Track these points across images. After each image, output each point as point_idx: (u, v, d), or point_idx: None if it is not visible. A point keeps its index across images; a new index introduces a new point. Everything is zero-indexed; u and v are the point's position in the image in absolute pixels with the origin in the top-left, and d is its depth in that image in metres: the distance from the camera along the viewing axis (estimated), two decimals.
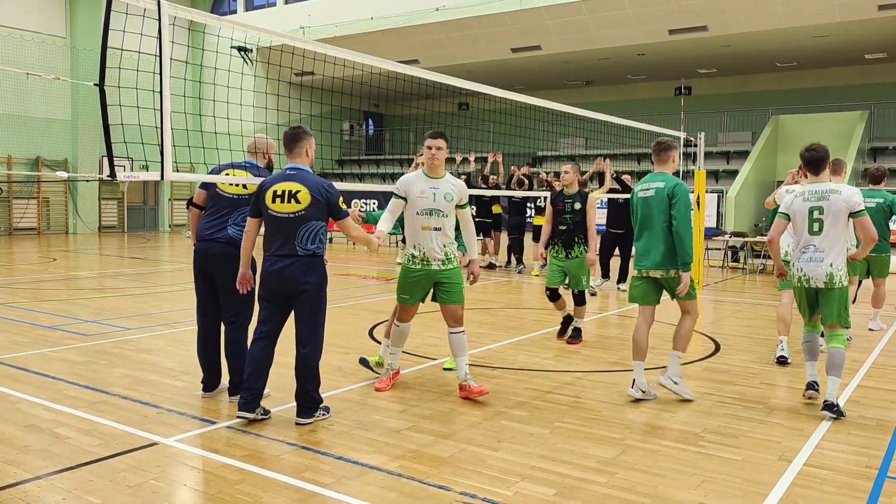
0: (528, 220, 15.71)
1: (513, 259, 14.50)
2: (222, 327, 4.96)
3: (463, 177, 15.46)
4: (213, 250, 4.84)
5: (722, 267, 15.49)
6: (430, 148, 5.48)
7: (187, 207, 5.34)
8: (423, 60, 21.57)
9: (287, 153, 4.60)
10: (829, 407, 4.65)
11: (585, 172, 11.10)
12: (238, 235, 4.81)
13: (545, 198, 10.49)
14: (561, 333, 7.18)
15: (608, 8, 18.04)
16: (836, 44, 18.35)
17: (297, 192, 4.40)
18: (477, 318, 8.49)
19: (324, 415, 4.59)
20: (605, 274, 11.75)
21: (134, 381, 5.41)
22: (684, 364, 6.29)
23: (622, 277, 11.15)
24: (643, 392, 5.04)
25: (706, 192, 14.14)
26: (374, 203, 19.89)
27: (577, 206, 7.07)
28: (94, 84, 4.14)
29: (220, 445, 4.05)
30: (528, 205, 15.28)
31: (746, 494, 3.48)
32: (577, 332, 7.08)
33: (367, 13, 21.51)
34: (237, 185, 4.90)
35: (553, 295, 7.08)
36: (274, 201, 4.44)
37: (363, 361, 5.81)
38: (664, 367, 5.33)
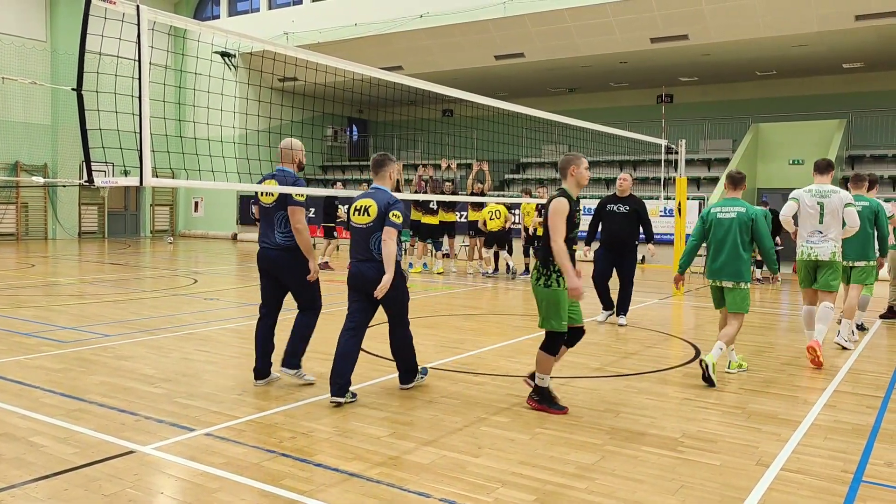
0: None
1: (502, 265, 14.53)
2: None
3: (448, 184, 15.56)
4: (269, 255, 5.54)
5: (702, 273, 15.59)
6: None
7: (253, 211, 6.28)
8: (407, 67, 21.59)
9: (373, 175, 5.43)
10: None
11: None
12: (283, 241, 5.44)
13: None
14: None
15: (591, 16, 18.18)
16: (814, 53, 18.60)
17: (369, 206, 5.20)
18: (460, 325, 8.50)
19: (421, 378, 5.54)
20: (608, 304, 8.95)
21: (112, 388, 5.35)
22: (665, 370, 6.33)
23: (623, 307, 8.72)
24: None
25: (687, 199, 14.27)
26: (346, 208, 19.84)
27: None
28: (72, 89, 4.10)
29: (198, 453, 4.02)
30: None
31: (724, 499, 3.50)
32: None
33: (351, 19, 21.52)
34: (269, 194, 5.45)
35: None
36: (354, 214, 5.28)
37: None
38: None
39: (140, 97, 4.09)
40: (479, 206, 14.45)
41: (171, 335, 7.51)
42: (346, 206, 4.88)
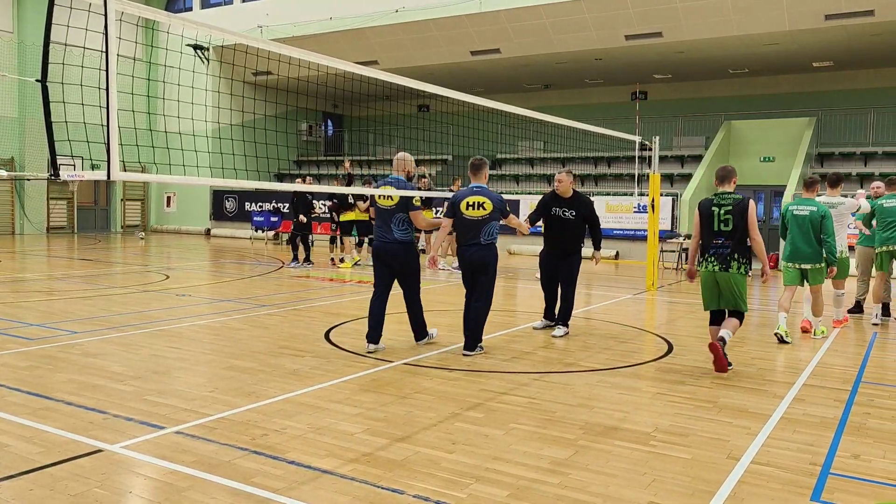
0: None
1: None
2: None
3: (424, 179, 15.59)
4: (387, 249, 6.62)
5: (676, 269, 15.77)
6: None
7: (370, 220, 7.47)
8: (383, 62, 21.49)
9: (472, 176, 6.75)
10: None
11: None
12: (401, 236, 6.61)
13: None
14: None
15: (566, 13, 18.24)
16: (785, 52, 18.86)
17: (483, 202, 6.51)
18: (434, 320, 8.48)
19: (480, 350, 6.55)
20: (550, 313, 8.03)
21: (79, 386, 5.25)
22: (638, 364, 6.38)
23: (564, 317, 7.76)
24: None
25: (661, 195, 14.41)
26: (324, 206, 19.66)
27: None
28: (37, 80, 4.00)
29: (168, 451, 3.96)
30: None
31: (695, 493, 3.54)
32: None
33: (326, 13, 21.36)
34: (386, 197, 6.58)
35: (717, 318, 6.39)
36: (467, 209, 6.55)
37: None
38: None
39: (108, 89, 4.01)
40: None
41: (141, 332, 7.40)
42: (457, 201, 6.66)
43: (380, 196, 6.62)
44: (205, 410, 4.70)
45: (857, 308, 9.48)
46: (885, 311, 9.27)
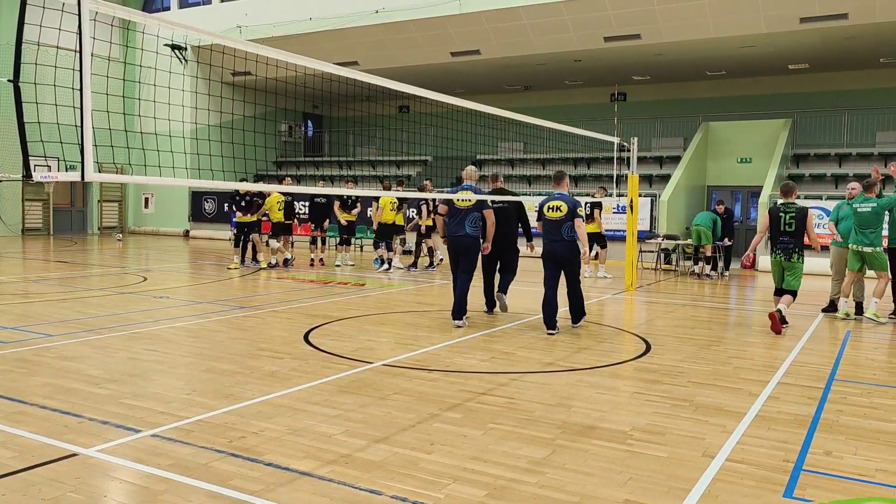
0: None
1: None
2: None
3: (427, 182, 15.89)
4: (460, 241, 8.27)
5: (655, 269, 15.90)
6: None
7: (436, 215, 8.97)
8: (363, 62, 21.45)
9: (555, 185, 8.27)
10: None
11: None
12: (472, 231, 8.24)
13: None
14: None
15: (546, 14, 18.33)
16: (761, 54, 19.09)
17: (560, 206, 7.94)
18: (414, 321, 8.49)
19: (583, 318, 8.29)
20: (491, 304, 9.19)
21: (54, 389, 5.19)
22: (616, 364, 6.43)
23: (504, 287, 9.00)
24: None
25: (640, 195, 14.53)
26: (303, 206, 19.60)
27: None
28: (9, 80, 3.96)
29: (144, 455, 3.92)
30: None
31: (671, 490, 3.57)
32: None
33: (306, 13, 21.28)
34: (465, 200, 8.24)
35: (780, 292, 8.54)
36: (549, 211, 8.00)
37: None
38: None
39: (81, 90, 3.97)
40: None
41: (117, 334, 7.33)
42: (542, 204, 8.20)
43: (458, 199, 8.29)
44: (182, 413, 4.67)
45: (832, 307, 9.62)
46: (859, 309, 9.44)
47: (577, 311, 8.22)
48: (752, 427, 4.59)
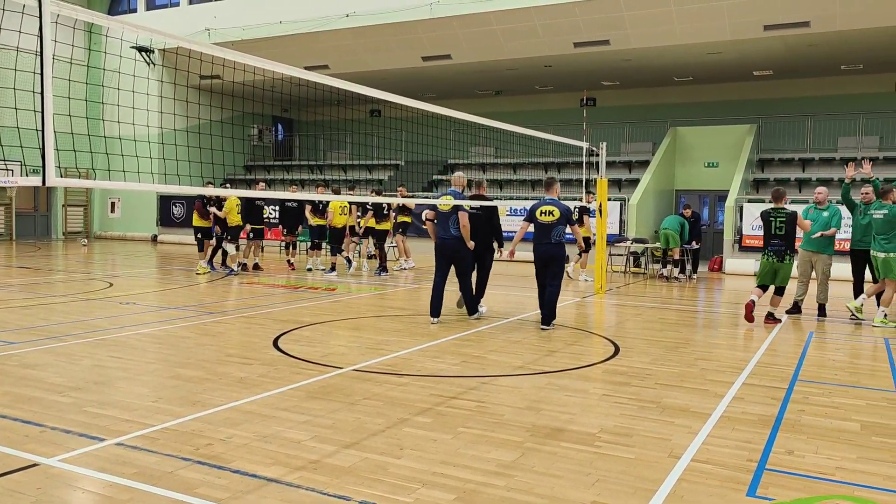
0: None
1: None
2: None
3: (402, 188, 15.85)
4: (448, 243, 8.69)
5: (624, 272, 16.08)
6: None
7: (425, 221, 9.39)
8: (334, 66, 21.38)
9: (547, 191, 8.83)
10: None
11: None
12: (457, 232, 8.61)
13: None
14: None
15: (516, 20, 18.45)
16: (727, 61, 19.43)
17: (552, 211, 8.49)
18: (385, 326, 8.47)
19: (552, 328, 8.39)
20: (473, 306, 9.17)
21: (15, 398, 5.08)
22: (585, 367, 6.49)
23: (480, 295, 9.29)
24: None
25: (609, 199, 14.67)
26: (274, 210, 19.49)
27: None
28: None
29: (107, 464, 3.86)
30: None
31: (637, 491, 3.61)
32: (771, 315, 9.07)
33: (276, 17, 21.15)
34: (445, 204, 8.66)
35: (765, 287, 9.11)
36: (541, 215, 8.51)
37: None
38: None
39: (42, 93, 3.90)
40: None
41: (81, 341, 7.20)
42: (535, 208, 8.81)
43: (441, 203, 8.72)
44: (147, 421, 4.60)
45: (796, 309, 9.82)
46: (822, 311, 9.65)
47: (550, 311, 8.48)
48: (717, 427, 4.67)
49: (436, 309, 8.62)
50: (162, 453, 4.02)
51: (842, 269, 11.42)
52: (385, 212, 14.70)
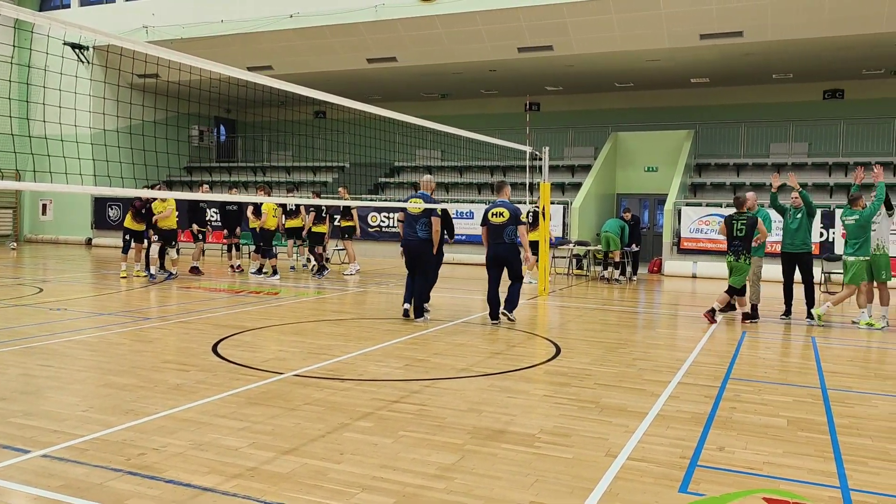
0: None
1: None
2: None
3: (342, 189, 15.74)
4: (413, 244, 9.11)
5: (567, 274, 16.32)
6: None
7: (398, 222, 9.67)
8: (277, 67, 21.10)
9: (497, 194, 9.39)
10: None
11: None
12: (424, 235, 9.05)
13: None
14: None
15: (461, 24, 18.55)
16: (666, 68, 19.96)
17: (503, 212, 8.94)
18: (328, 330, 8.39)
19: (513, 320, 9.08)
20: (418, 312, 9.25)
21: None
22: (527, 368, 6.55)
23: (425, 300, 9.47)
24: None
25: (552, 203, 14.89)
26: (215, 212, 19.13)
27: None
28: None
29: (32, 476, 3.71)
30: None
31: (574, 490, 3.67)
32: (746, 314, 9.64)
33: (217, 15, 20.74)
34: (415, 207, 9.11)
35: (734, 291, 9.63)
36: (492, 217, 8.98)
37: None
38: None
39: None
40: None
41: (8, 349, 6.90)
42: (487, 211, 9.27)
43: (410, 207, 9.17)
44: (76, 431, 4.44)
45: (753, 312, 10.15)
46: (754, 311, 9.98)
47: (511, 304, 9.07)
48: (652, 426, 4.78)
49: (409, 299, 9.22)
50: (91, 464, 3.89)
51: (772, 270, 11.83)
52: (323, 214, 14.71)
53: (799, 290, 9.95)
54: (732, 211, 9.82)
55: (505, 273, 9.16)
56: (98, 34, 5.03)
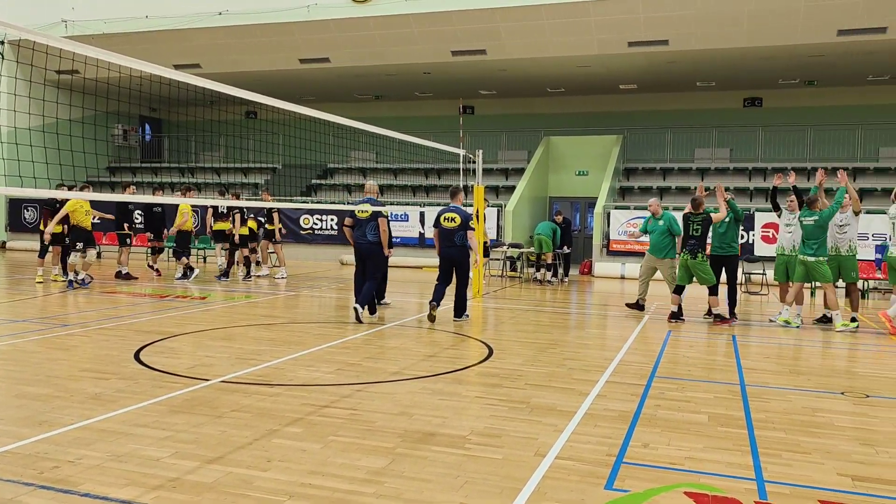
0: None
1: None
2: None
3: (265, 192, 15.40)
4: (364, 247, 9.51)
5: (501, 276, 16.49)
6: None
7: (344, 227, 9.92)
8: (206, 65, 20.57)
9: (452, 199, 9.80)
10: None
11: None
12: (373, 238, 9.47)
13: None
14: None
15: (395, 26, 18.52)
16: (595, 74, 20.44)
17: (454, 217, 9.42)
18: (258, 335, 8.22)
19: (467, 317, 9.65)
20: (374, 305, 9.94)
21: None
22: (460, 370, 6.57)
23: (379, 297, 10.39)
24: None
25: (486, 206, 15.00)
26: (140, 214, 18.49)
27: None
28: None
29: None
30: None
31: (503, 491, 3.70)
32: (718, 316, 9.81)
33: (142, 11, 20.05)
34: (364, 211, 9.48)
35: (679, 290, 9.99)
36: (444, 221, 9.45)
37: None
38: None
39: None
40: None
41: None
42: (440, 214, 9.74)
43: (359, 211, 9.52)
44: None
45: (637, 306, 10.56)
46: (639, 306, 10.62)
47: (461, 308, 9.55)
48: (581, 425, 4.86)
49: (358, 293, 9.52)
50: (1, 479, 3.69)
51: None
52: (245, 217, 14.53)
53: (722, 291, 10.32)
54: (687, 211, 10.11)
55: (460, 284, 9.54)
56: (10, 28, 4.78)
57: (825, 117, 20.79)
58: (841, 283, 9.97)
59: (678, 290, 9.93)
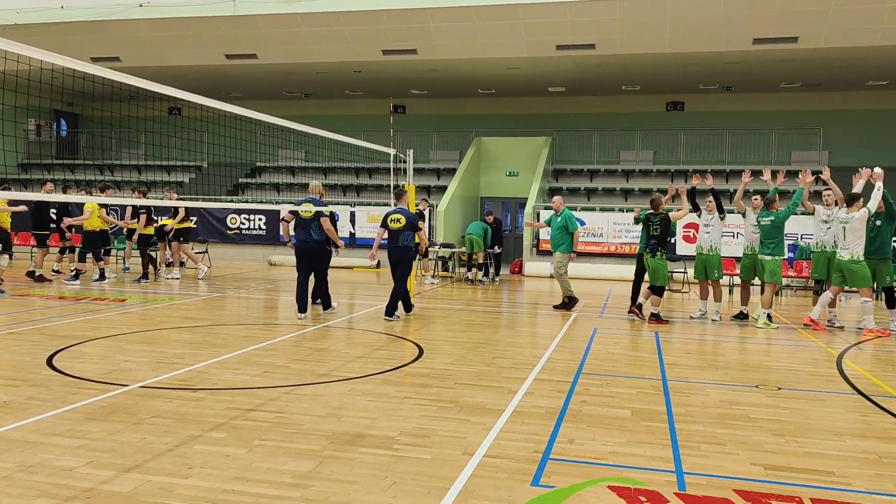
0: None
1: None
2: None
3: (170, 193, 14.95)
4: (309, 247, 9.63)
5: (433, 276, 16.50)
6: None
7: (281, 220, 10.56)
8: (126, 59, 19.81)
9: (396, 200, 10.12)
10: None
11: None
12: (317, 237, 9.63)
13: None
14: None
15: (324, 23, 18.28)
16: (525, 76, 20.72)
17: (399, 218, 9.69)
18: (180, 338, 7.96)
19: (397, 318, 9.69)
20: (328, 301, 10.28)
21: None
22: (389, 371, 6.54)
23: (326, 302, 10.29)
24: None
25: (416, 206, 14.98)
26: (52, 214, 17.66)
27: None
28: None
29: None
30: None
31: (431, 490, 3.70)
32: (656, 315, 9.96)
33: (58, 1, 19.14)
34: (307, 211, 9.54)
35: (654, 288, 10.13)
36: (391, 222, 9.72)
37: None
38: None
39: None
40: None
41: None
42: (387, 216, 10.04)
43: (302, 210, 9.57)
44: None
45: (563, 305, 10.88)
46: (571, 302, 10.97)
47: (393, 304, 9.74)
48: (508, 423, 4.91)
49: (302, 305, 9.59)
50: None
51: (626, 270, 12.59)
52: (153, 216, 14.20)
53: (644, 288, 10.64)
54: (649, 211, 10.34)
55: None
56: None
57: (742, 121, 21.71)
58: (757, 280, 10.40)
59: (658, 292, 9.94)
